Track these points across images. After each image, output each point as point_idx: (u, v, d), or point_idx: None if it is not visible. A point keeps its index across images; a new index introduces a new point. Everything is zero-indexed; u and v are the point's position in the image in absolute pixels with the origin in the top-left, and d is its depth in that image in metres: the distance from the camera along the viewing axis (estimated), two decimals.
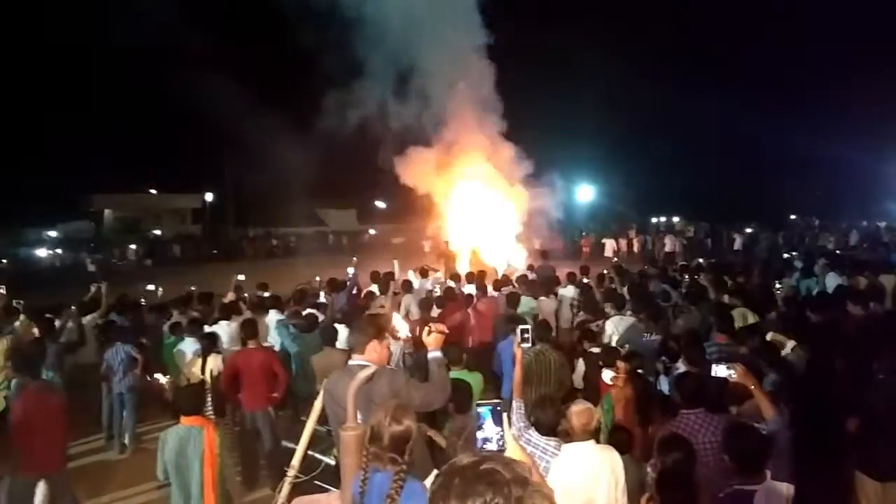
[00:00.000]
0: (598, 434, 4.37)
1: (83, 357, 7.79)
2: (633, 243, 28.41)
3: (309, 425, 4.05)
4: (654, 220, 41.90)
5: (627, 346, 6.44)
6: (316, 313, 7.90)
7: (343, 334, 6.65)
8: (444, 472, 1.28)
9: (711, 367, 4.05)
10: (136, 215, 46.18)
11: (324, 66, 16.62)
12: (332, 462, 4.35)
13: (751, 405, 4.07)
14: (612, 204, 38.54)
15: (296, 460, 4.08)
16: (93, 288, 9.39)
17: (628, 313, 7.55)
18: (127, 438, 7.28)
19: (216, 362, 6.41)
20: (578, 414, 3.72)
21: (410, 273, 11.95)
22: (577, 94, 37.75)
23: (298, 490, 4.07)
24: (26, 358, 5.67)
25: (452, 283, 10.68)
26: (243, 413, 6.36)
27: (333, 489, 3.67)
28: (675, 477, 3.27)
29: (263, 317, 8.09)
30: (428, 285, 11.35)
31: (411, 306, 9.26)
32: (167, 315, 8.79)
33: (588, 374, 6.28)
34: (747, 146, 48.26)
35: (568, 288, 10.21)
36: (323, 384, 3.81)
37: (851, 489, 4.42)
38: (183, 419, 4.35)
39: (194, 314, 8.60)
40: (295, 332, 7.51)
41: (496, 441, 2.13)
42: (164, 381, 6.84)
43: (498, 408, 2.17)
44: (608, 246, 26.54)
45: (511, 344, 6.67)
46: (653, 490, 3.31)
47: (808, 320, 6.92)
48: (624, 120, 43.27)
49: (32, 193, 37.62)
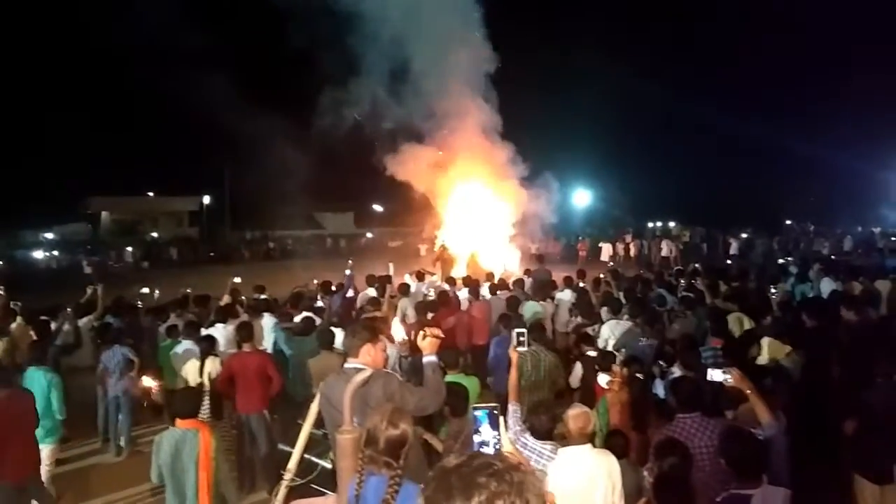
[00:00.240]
0: (594, 438, 4.37)
1: (79, 359, 7.77)
2: (630, 248, 28.46)
3: (305, 429, 4.04)
4: (651, 225, 42.00)
5: (623, 351, 6.45)
6: (313, 317, 7.88)
7: (341, 338, 6.64)
8: (437, 475, 1.25)
9: (707, 372, 4.06)
10: (133, 218, 46.16)
11: (322, 70, 16.67)
12: (329, 465, 4.34)
13: (746, 409, 4.08)
14: (609, 208, 38.63)
15: (292, 464, 4.07)
16: (89, 290, 9.37)
17: (624, 317, 7.57)
18: (123, 441, 7.24)
19: (214, 365, 6.39)
20: (575, 417, 3.72)
21: (407, 276, 11.94)
22: (575, 99, 37.97)
23: (295, 493, 4.06)
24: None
25: (447, 287, 10.67)
26: (238, 416, 6.34)
27: (330, 493, 3.67)
28: (672, 481, 3.28)
29: (259, 320, 8.08)
30: (423, 289, 11.34)
31: (407, 310, 9.26)
32: (163, 318, 8.77)
33: (585, 378, 6.29)
34: (743, 151, 48.52)
35: (565, 292, 10.23)
36: (319, 387, 3.80)
37: (849, 492, 4.43)
38: (178, 422, 4.33)
39: (191, 317, 8.58)
40: (288, 335, 7.49)
41: (493, 444, 2.14)
42: (153, 385, 6.80)
43: (494, 411, 2.18)
44: (605, 250, 26.60)
45: (503, 342, 6.89)
46: (650, 494, 3.31)
47: (804, 326, 6.94)
48: (621, 124, 43.50)
49: (30, 195, 37.56)
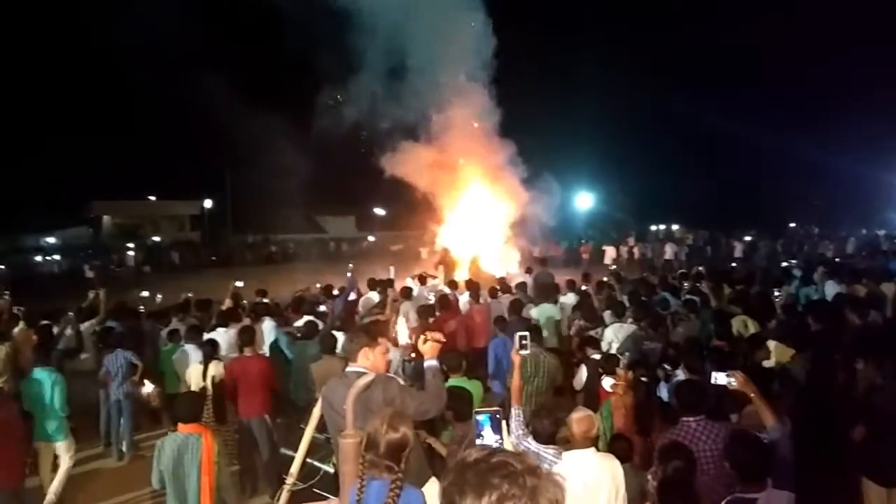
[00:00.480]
0: (598, 442, 4.35)
1: (81, 364, 7.76)
2: (634, 251, 28.42)
3: (307, 433, 4.03)
4: (654, 228, 41.94)
5: (627, 354, 6.43)
6: (315, 320, 7.87)
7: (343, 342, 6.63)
8: (455, 468, 1.27)
9: (711, 375, 4.03)
10: (135, 222, 46.22)
11: (323, 73, 16.71)
12: (331, 470, 4.33)
13: (751, 412, 4.05)
14: (612, 211, 38.57)
15: (294, 468, 4.06)
16: (91, 294, 9.37)
17: (628, 321, 7.55)
18: (125, 445, 7.22)
19: (217, 369, 6.37)
20: (579, 421, 3.70)
21: (409, 280, 11.93)
22: (577, 101, 37.95)
23: (297, 498, 4.05)
24: None
25: (448, 290, 10.65)
26: (239, 420, 6.33)
27: (332, 497, 3.65)
28: (676, 485, 3.25)
29: (260, 324, 8.07)
30: (425, 293, 11.33)
31: (409, 313, 9.23)
32: (165, 322, 8.76)
33: (589, 381, 6.26)
34: (747, 154, 48.42)
35: (568, 295, 10.19)
36: (321, 392, 3.79)
37: (855, 496, 4.40)
38: (181, 426, 4.32)
39: (193, 321, 8.57)
40: (290, 339, 7.49)
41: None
42: (151, 391, 6.79)
43: (497, 415, 2.16)
44: (608, 253, 26.55)
45: (500, 344, 7.02)
46: (654, 498, 3.29)
47: (809, 329, 6.91)
48: (624, 127, 43.45)
49: (31, 199, 37.65)
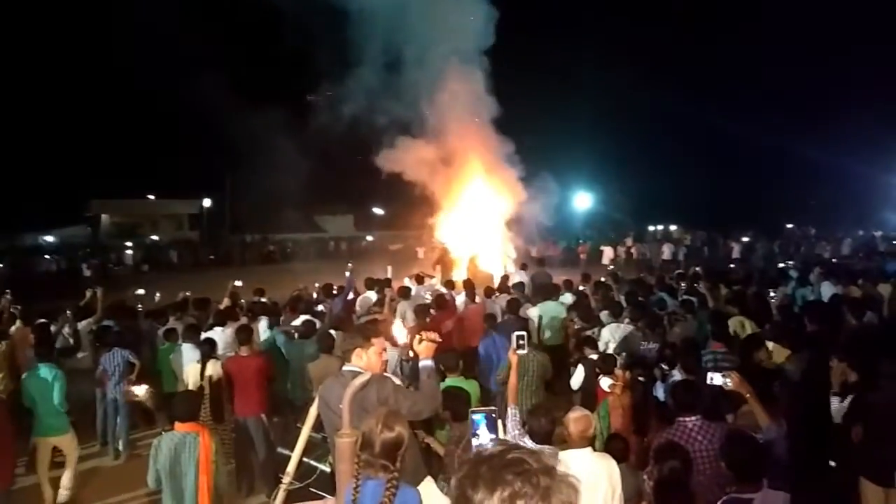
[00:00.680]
0: (595, 441, 4.35)
1: (78, 362, 7.74)
2: (632, 251, 28.43)
3: (304, 432, 4.03)
4: (651, 228, 41.94)
5: (624, 354, 6.44)
6: (313, 320, 7.87)
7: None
8: (472, 461, 1.28)
9: (707, 375, 4.05)
10: (133, 221, 46.11)
11: (323, 73, 16.70)
12: (327, 469, 4.33)
13: (747, 413, 4.06)
14: (610, 211, 38.56)
15: (291, 467, 4.06)
16: (88, 293, 9.34)
17: (625, 321, 7.56)
18: (121, 444, 7.22)
19: (215, 368, 6.37)
20: (576, 421, 3.70)
21: (406, 280, 11.93)
22: (576, 101, 37.94)
23: (293, 497, 4.05)
24: None
25: (444, 290, 10.65)
26: (235, 419, 6.33)
27: (328, 496, 3.65)
28: (672, 485, 3.26)
29: (257, 323, 8.06)
30: (423, 293, 11.33)
31: (407, 312, 9.23)
32: (163, 321, 8.75)
33: (586, 381, 6.27)
34: (745, 154, 48.45)
35: (566, 296, 10.19)
36: (318, 391, 3.80)
37: (851, 496, 4.41)
38: (177, 425, 4.32)
39: (191, 320, 8.55)
40: (288, 338, 7.48)
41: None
42: (143, 393, 6.78)
43: (492, 415, 2.17)
44: (605, 253, 26.57)
45: (491, 342, 7.23)
46: (650, 498, 3.30)
47: (805, 329, 6.92)
48: (622, 127, 43.44)
49: (30, 198, 37.53)
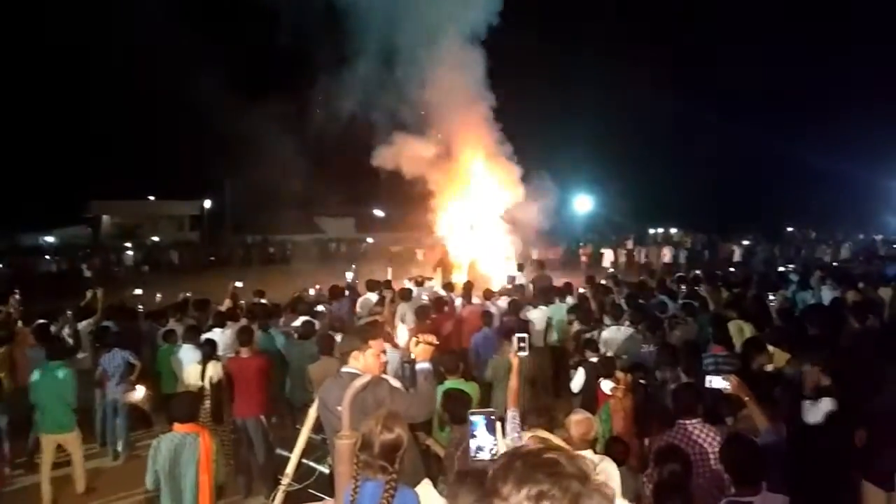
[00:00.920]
0: (596, 444, 4.35)
1: (78, 363, 7.73)
2: (633, 254, 28.43)
3: (303, 433, 4.03)
4: (652, 231, 41.92)
5: (625, 357, 6.43)
6: (312, 321, 7.87)
7: None
8: (509, 454, 1.29)
9: (706, 378, 4.04)
10: (134, 221, 46.15)
11: (324, 75, 16.70)
12: (326, 471, 4.32)
13: (746, 416, 4.05)
14: (610, 214, 38.55)
15: (290, 468, 4.05)
16: (88, 294, 9.34)
17: (626, 324, 7.55)
18: (120, 445, 7.21)
19: (216, 369, 6.37)
20: (578, 423, 3.70)
21: (406, 282, 11.92)
22: (576, 104, 37.92)
23: (292, 499, 4.04)
24: None
25: (443, 293, 10.65)
26: (235, 420, 6.32)
27: (327, 498, 3.65)
28: (672, 488, 3.26)
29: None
30: (422, 295, 11.31)
31: (407, 314, 9.22)
32: (163, 322, 8.74)
33: (587, 383, 6.27)
34: (745, 157, 48.42)
35: (567, 298, 10.19)
36: (317, 392, 3.80)
37: (855, 499, 4.39)
38: (176, 426, 4.31)
39: (191, 321, 8.55)
40: (286, 340, 7.48)
41: (489, 450, 2.12)
42: (140, 396, 6.79)
43: (492, 417, 2.16)
44: (606, 256, 26.56)
45: (481, 337, 7.66)
46: (649, 501, 3.29)
47: (806, 333, 6.89)
48: (623, 130, 43.40)
49: (30, 198, 37.56)
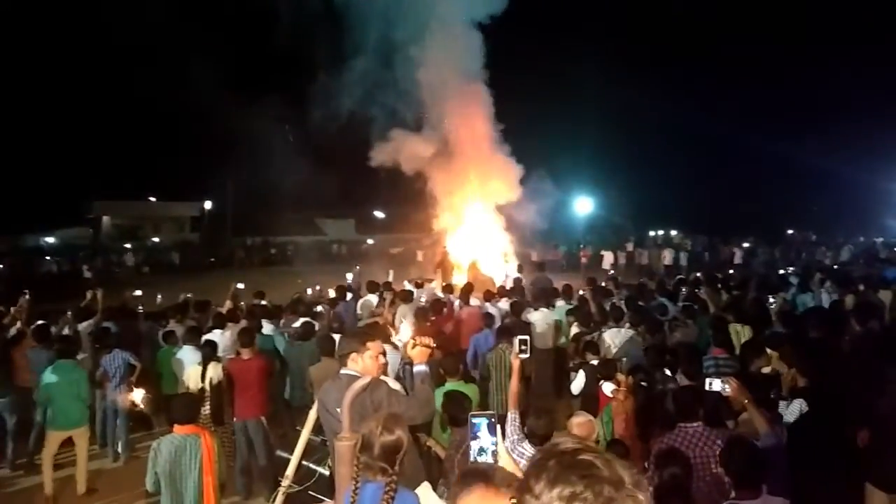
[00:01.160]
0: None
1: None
2: (634, 256, 28.44)
3: (304, 435, 4.02)
4: (652, 233, 41.91)
5: (626, 360, 6.42)
6: (312, 322, 7.87)
7: None
8: (543, 452, 1.27)
9: (706, 381, 4.04)
10: (135, 222, 46.21)
11: (325, 76, 16.72)
12: (327, 472, 4.32)
13: (747, 419, 4.05)
14: (610, 216, 38.54)
15: (290, 470, 4.05)
16: (88, 295, 9.34)
17: (626, 326, 7.54)
18: (120, 446, 7.21)
19: (216, 371, 6.37)
20: (580, 426, 3.71)
21: (406, 283, 11.92)
22: (577, 106, 37.97)
23: (292, 500, 4.04)
24: None
25: (441, 294, 10.65)
26: (235, 421, 6.32)
27: (327, 500, 3.64)
28: (672, 491, 3.25)
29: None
30: (422, 297, 11.31)
31: (408, 316, 9.21)
32: (163, 323, 8.74)
33: (587, 386, 6.26)
34: (746, 160, 48.51)
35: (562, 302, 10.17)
36: (317, 394, 3.80)
37: (860, 502, 4.38)
38: (177, 428, 4.31)
39: (191, 323, 8.55)
40: (288, 340, 7.48)
41: (490, 451, 2.12)
42: (140, 399, 6.79)
43: (492, 419, 2.16)
44: (606, 258, 26.56)
45: (482, 337, 7.79)
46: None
47: (807, 336, 6.88)
48: (623, 132, 43.48)
49: (31, 199, 37.57)
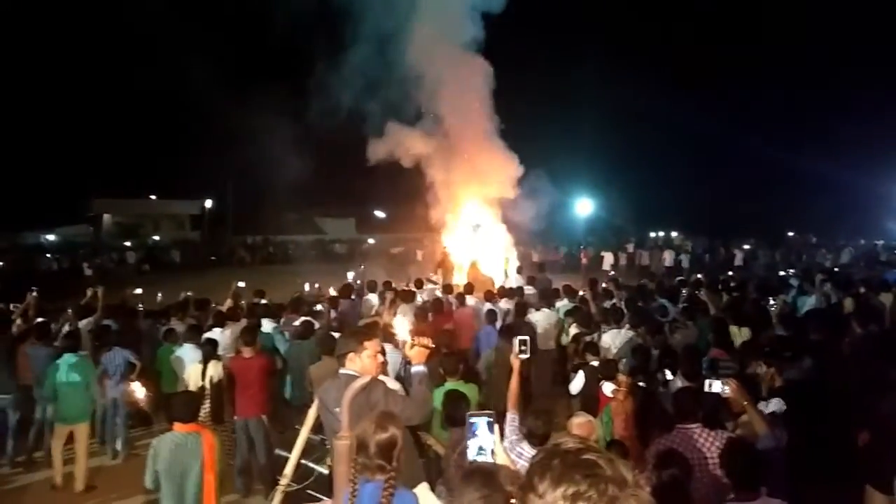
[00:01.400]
0: None
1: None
2: (634, 257, 28.44)
3: (303, 434, 4.03)
4: (652, 235, 41.91)
5: (625, 360, 6.42)
6: (311, 320, 7.87)
7: None
8: (547, 451, 1.26)
9: (706, 383, 4.04)
10: (135, 221, 46.26)
11: (326, 76, 16.70)
12: (326, 471, 4.33)
13: (747, 421, 4.05)
14: (611, 217, 38.54)
15: (289, 469, 4.05)
16: (89, 292, 9.34)
17: (626, 327, 7.55)
18: (119, 444, 7.21)
19: (217, 369, 6.37)
20: (580, 426, 3.71)
21: (407, 285, 11.92)
22: (578, 108, 37.99)
23: (291, 499, 4.05)
24: None
25: (441, 294, 10.67)
26: (236, 419, 6.32)
27: (326, 498, 3.64)
28: (671, 492, 3.25)
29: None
30: (423, 296, 11.31)
31: (407, 315, 9.21)
32: (164, 321, 8.74)
33: (587, 386, 6.26)
34: (746, 162, 48.54)
35: (565, 301, 10.18)
36: (317, 393, 3.80)
37: None
38: (177, 426, 4.31)
39: (192, 321, 8.55)
40: (285, 339, 7.48)
41: (489, 451, 2.13)
42: (141, 396, 6.79)
43: (490, 419, 2.17)
44: (606, 259, 26.56)
45: (485, 334, 7.91)
46: None
47: (807, 338, 6.88)
48: (624, 134, 43.51)
49: (32, 197, 37.63)
